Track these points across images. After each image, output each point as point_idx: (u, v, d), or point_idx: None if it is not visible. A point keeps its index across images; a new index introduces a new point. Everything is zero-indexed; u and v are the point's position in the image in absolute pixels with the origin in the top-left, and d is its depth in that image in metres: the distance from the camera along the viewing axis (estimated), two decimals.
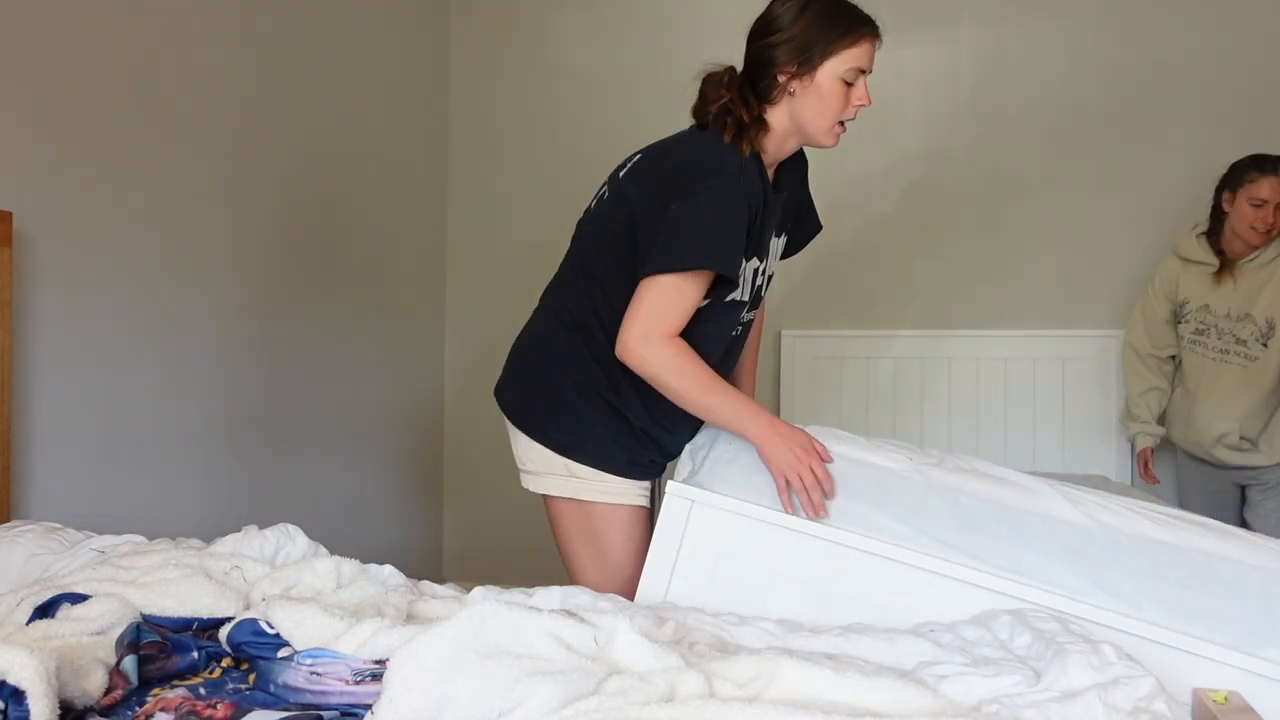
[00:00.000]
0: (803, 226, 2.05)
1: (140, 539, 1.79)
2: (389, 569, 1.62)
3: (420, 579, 1.75)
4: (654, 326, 1.72)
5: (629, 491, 1.92)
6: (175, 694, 1.19)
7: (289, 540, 1.70)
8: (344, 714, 1.18)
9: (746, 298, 1.86)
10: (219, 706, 1.12)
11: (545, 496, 1.94)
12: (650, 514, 1.97)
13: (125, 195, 2.37)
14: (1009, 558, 1.68)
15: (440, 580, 1.84)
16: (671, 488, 1.83)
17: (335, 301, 3.16)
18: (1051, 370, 3.34)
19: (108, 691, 1.17)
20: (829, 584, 1.74)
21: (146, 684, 1.24)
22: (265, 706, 1.17)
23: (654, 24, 3.68)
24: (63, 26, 2.22)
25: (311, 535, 1.75)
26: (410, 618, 1.52)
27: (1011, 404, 3.36)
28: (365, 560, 1.61)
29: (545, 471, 1.91)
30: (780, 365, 3.52)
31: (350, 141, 3.25)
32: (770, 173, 1.88)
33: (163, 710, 1.12)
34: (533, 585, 1.62)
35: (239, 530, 1.72)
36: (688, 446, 1.96)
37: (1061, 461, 3.30)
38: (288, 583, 1.51)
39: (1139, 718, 1.19)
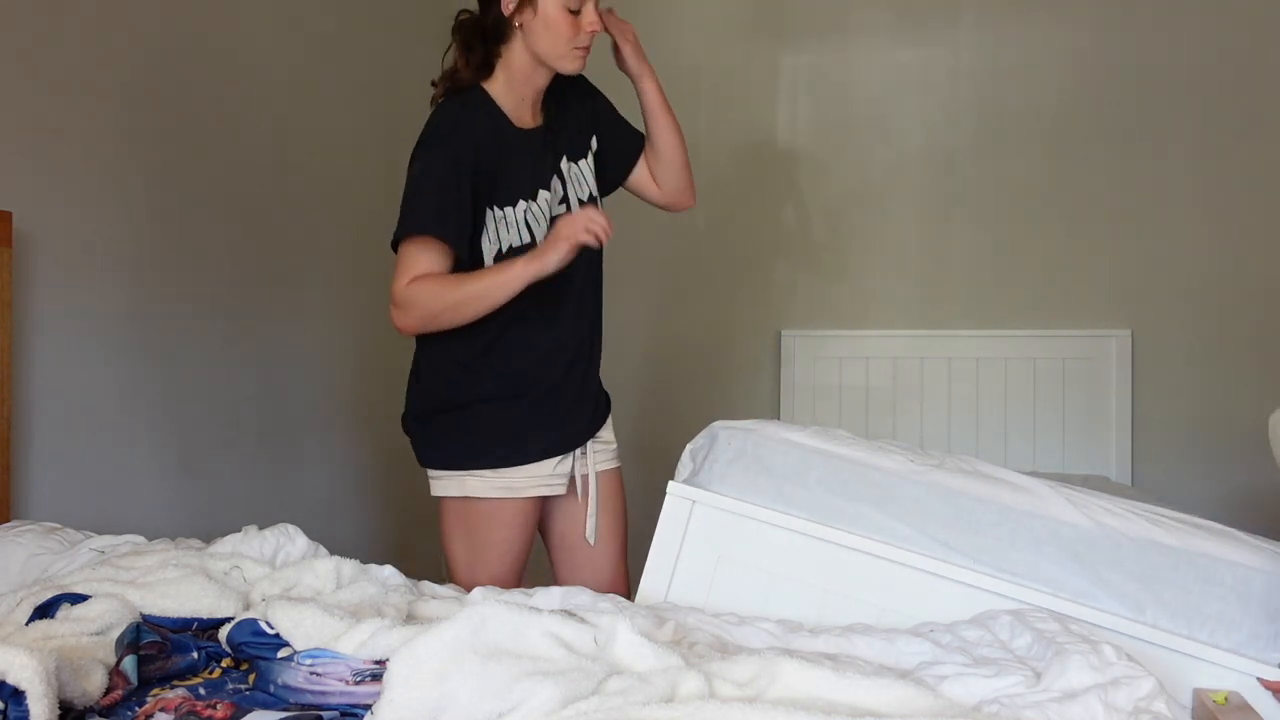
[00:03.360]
0: (619, 143, 2.05)
1: (140, 539, 1.79)
2: (389, 569, 1.62)
3: (420, 579, 1.75)
4: (397, 290, 1.80)
5: (526, 484, 1.92)
6: (175, 694, 1.19)
7: (289, 540, 1.70)
8: (344, 714, 1.18)
9: (528, 239, 1.87)
10: (219, 707, 1.12)
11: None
12: (536, 505, 1.96)
13: (125, 195, 2.37)
14: (1010, 560, 1.68)
15: (440, 580, 1.84)
16: (672, 488, 1.83)
17: (335, 301, 3.16)
18: (1051, 370, 3.33)
19: (108, 691, 1.17)
20: (830, 585, 1.74)
21: (146, 684, 1.23)
22: (265, 707, 1.17)
23: (654, 24, 3.67)
24: (63, 26, 2.22)
25: (311, 535, 1.75)
26: (410, 618, 1.52)
27: (1011, 404, 3.36)
28: (365, 560, 1.61)
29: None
30: (780, 365, 3.52)
31: (350, 141, 3.25)
32: (532, 106, 1.93)
33: (162, 710, 1.12)
34: (532, 585, 1.62)
35: (239, 530, 1.72)
36: (688, 447, 1.95)
37: (1062, 462, 3.29)
38: (288, 583, 1.51)
39: (1139, 718, 1.19)
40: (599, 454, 2.04)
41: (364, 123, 3.33)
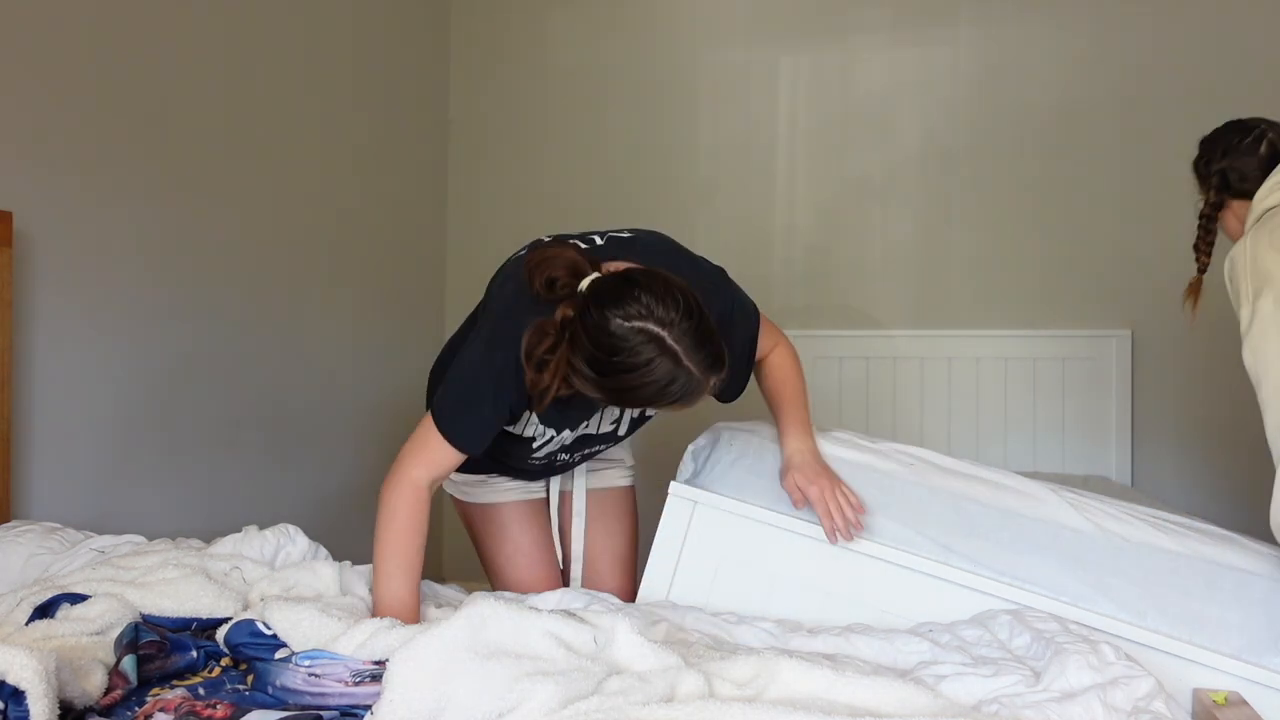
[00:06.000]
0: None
1: (140, 539, 1.79)
2: None
3: (420, 579, 1.75)
4: (410, 473, 1.62)
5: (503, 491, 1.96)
6: (175, 694, 1.19)
7: (289, 541, 1.70)
8: (343, 714, 1.17)
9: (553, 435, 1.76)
10: (218, 707, 1.12)
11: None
12: (545, 504, 2.01)
13: (125, 195, 2.37)
14: (1011, 563, 1.68)
15: (440, 580, 1.84)
16: (674, 488, 1.83)
17: (335, 302, 3.16)
18: (1051, 370, 3.33)
19: (107, 691, 1.17)
20: (830, 586, 1.74)
21: (146, 684, 1.23)
22: (264, 707, 1.17)
23: (654, 24, 3.68)
24: (63, 26, 2.22)
25: (312, 536, 1.75)
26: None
27: (1011, 404, 3.36)
28: (366, 561, 1.61)
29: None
30: None
31: (351, 141, 3.25)
32: None
33: (162, 710, 1.12)
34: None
35: (239, 530, 1.72)
36: (690, 447, 1.96)
37: (1062, 462, 3.29)
38: (287, 583, 1.50)
39: (1139, 717, 1.19)
40: (605, 472, 2.04)
41: (365, 121, 3.33)
